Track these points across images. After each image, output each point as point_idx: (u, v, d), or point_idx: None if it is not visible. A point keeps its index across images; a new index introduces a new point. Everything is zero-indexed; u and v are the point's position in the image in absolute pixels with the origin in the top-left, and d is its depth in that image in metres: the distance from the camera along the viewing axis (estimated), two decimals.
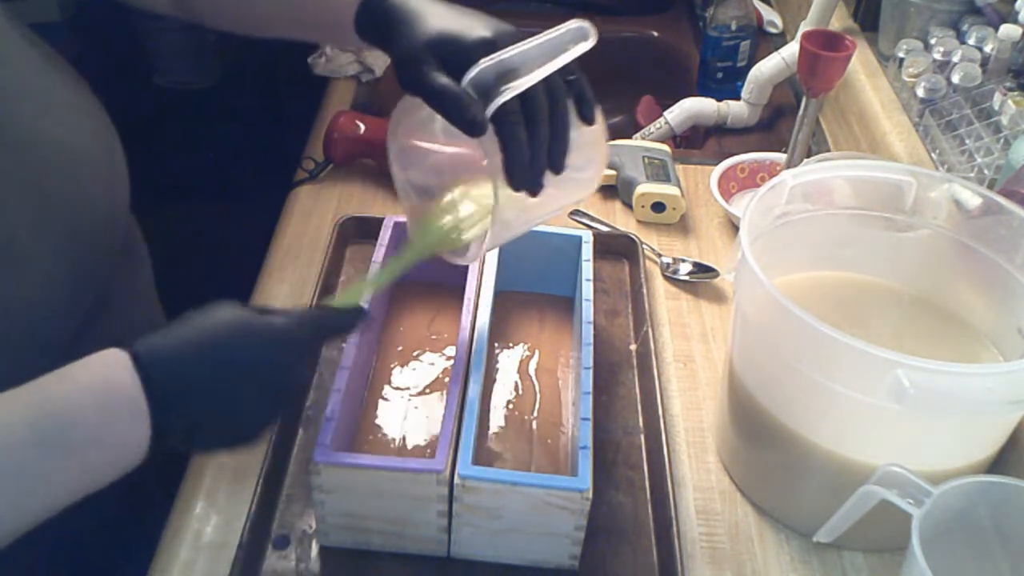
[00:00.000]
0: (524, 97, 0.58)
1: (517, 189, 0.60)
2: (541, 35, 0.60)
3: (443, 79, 0.58)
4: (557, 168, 0.61)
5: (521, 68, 0.59)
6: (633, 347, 0.88)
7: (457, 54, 0.59)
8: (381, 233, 0.83)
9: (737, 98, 1.27)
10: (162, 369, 0.52)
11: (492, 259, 0.82)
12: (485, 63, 0.58)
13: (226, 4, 0.74)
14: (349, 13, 0.66)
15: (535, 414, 0.78)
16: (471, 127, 0.57)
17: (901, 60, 1.08)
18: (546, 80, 0.59)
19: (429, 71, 0.59)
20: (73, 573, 0.73)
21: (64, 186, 0.61)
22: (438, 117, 0.59)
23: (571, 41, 0.60)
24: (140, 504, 0.74)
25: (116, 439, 0.50)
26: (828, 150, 1.18)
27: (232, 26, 0.75)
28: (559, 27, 0.61)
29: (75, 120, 0.64)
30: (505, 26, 0.62)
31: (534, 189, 0.61)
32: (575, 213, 1.03)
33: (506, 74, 0.58)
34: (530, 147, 0.59)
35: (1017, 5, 0.99)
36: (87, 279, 0.64)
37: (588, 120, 0.63)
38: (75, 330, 0.64)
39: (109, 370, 0.51)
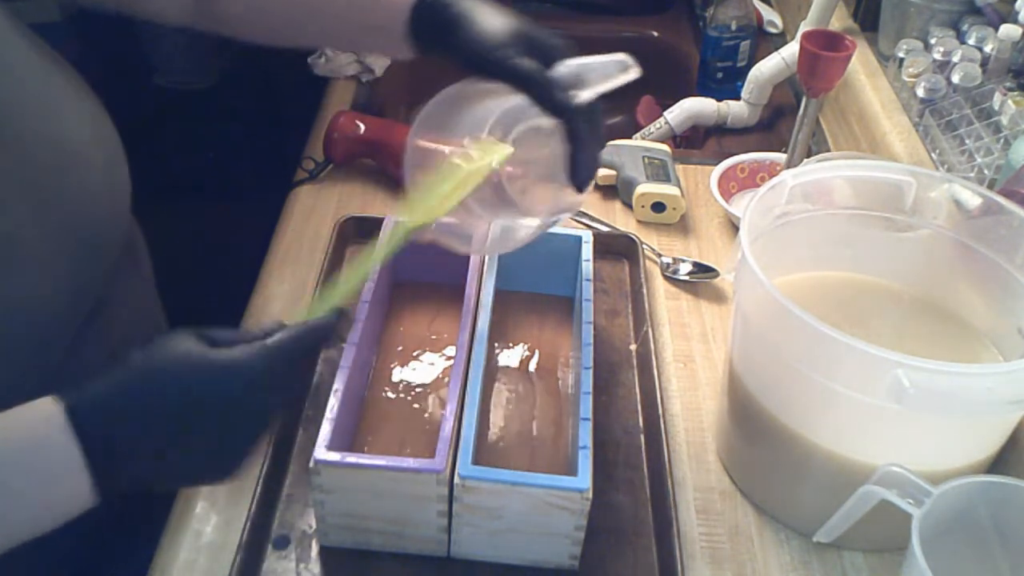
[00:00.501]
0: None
1: (578, 183, 0.64)
2: (596, 57, 0.65)
3: (532, 64, 0.62)
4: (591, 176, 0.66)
5: (588, 79, 0.64)
6: (633, 347, 0.88)
7: (537, 49, 0.63)
8: (381, 233, 0.83)
9: (737, 98, 1.27)
10: (96, 419, 0.50)
11: (492, 259, 0.82)
12: (569, 64, 0.63)
13: (257, 17, 0.73)
14: (399, 18, 0.67)
15: (535, 414, 0.78)
16: (560, 108, 0.61)
17: (901, 60, 1.08)
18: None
19: (517, 56, 0.62)
20: (73, 573, 0.73)
21: (65, 186, 0.61)
22: (463, 122, 0.64)
23: (620, 71, 0.65)
24: (140, 504, 0.74)
25: (52, 495, 0.50)
26: (828, 150, 1.18)
27: (263, 38, 0.74)
28: (608, 56, 0.65)
29: (75, 120, 0.64)
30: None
31: (585, 185, 0.65)
32: (575, 213, 1.03)
33: (578, 80, 0.63)
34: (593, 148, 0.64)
35: (1017, 5, 0.99)
36: (88, 279, 0.64)
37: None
38: (76, 329, 0.64)
39: (40, 427, 0.50)
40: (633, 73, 0.65)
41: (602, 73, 0.64)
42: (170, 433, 0.52)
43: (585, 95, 0.63)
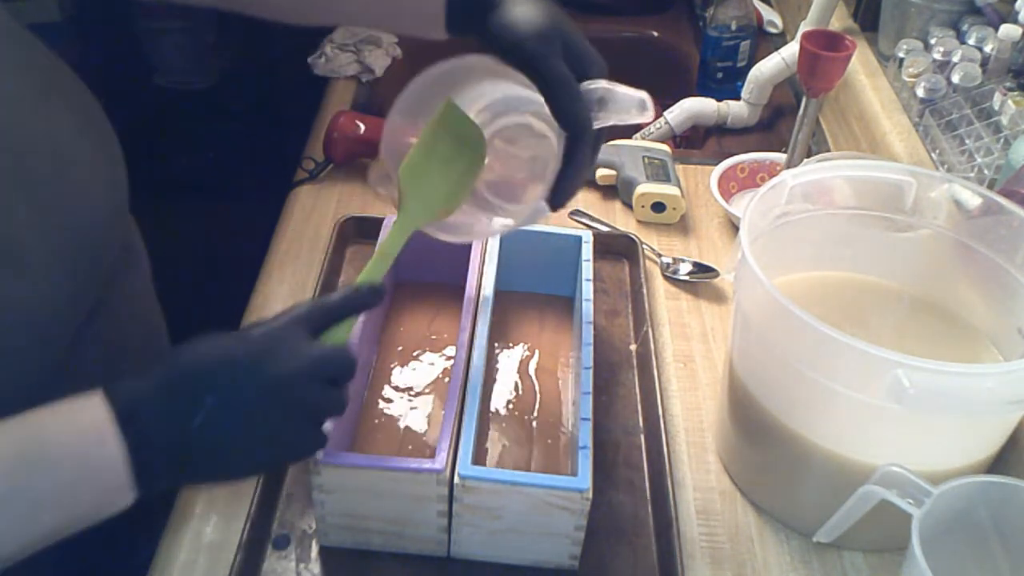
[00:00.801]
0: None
1: (556, 202, 0.63)
2: (622, 87, 0.63)
3: (564, 68, 0.60)
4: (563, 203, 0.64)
5: (608, 107, 0.62)
6: (633, 347, 0.88)
7: (574, 56, 0.61)
8: (381, 233, 0.84)
9: (737, 98, 1.27)
10: (131, 401, 0.51)
11: (492, 259, 0.82)
12: (598, 83, 0.62)
13: None
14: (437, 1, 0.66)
15: (535, 414, 0.78)
16: (576, 123, 0.60)
17: (901, 60, 1.08)
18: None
19: (553, 55, 0.60)
20: (73, 573, 0.73)
21: (62, 187, 0.61)
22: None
23: (639, 109, 0.63)
24: (140, 504, 0.74)
25: (94, 488, 0.51)
26: (828, 150, 1.18)
27: (292, 15, 0.73)
28: (633, 91, 0.63)
29: (72, 122, 0.64)
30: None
31: (561, 206, 0.64)
32: (575, 213, 1.03)
33: (601, 104, 0.62)
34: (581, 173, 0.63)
35: (1017, 5, 0.99)
36: (87, 279, 0.64)
37: None
38: (75, 329, 0.64)
39: (87, 429, 0.51)
40: (648, 116, 0.63)
41: (623, 106, 0.62)
42: (210, 425, 0.52)
43: (600, 121, 0.62)
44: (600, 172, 1.07)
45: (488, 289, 0.79)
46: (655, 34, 1.54)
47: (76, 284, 0.62)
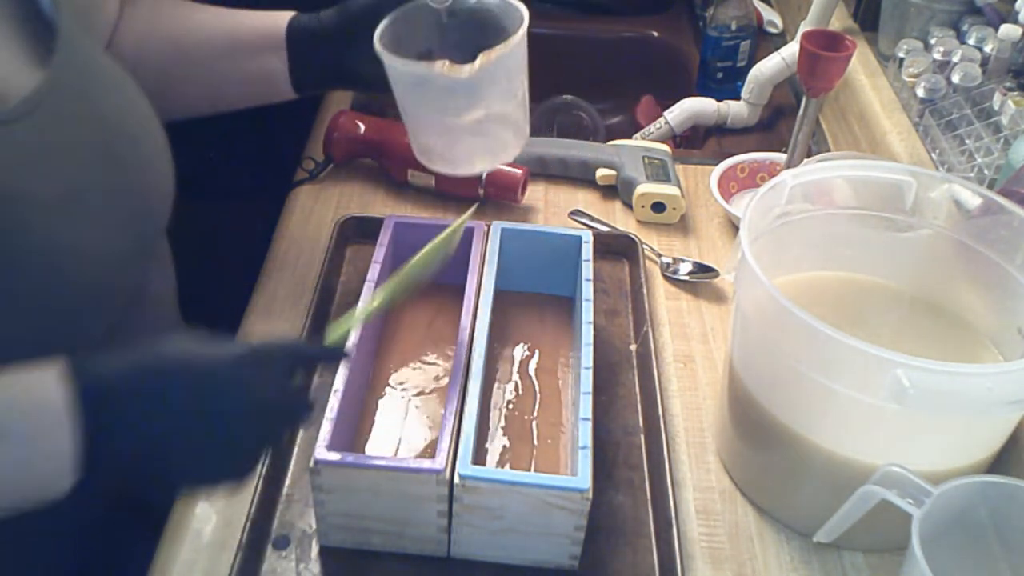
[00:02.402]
0: None
1: None
2: None
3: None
4: None
5: None
6: (633, 347, 0.88)
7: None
8: (381, 233, 0.84)
9: (737, 98, 1.27)
10: (97, 382, 0.50)
11: (492, 259, 0.82)
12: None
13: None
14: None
15: (535, 414, 0.78)
16: None
17: (901, 60, 1.08)
18: None
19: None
20: (73, 573, 0.73)
21: (128, 157, 0.66)
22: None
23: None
24: (140, 504, 0.74)
25: (36, 453, 0.49)
26: (828, 150, 1.18)
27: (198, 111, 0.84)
28: None
29: (135, 101, 0.70)
30: None
31: None
32: (575, 213, 1.04)
33: None
34: None
35: (1017, 5, 0.99)
36: (144, 241, 0.68)
37: None
38: (128, 297, 0.66)
39: (36, 375, 0.50)
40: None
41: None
42: (167, 415, 0.52)
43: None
44: (600, 172, 1.07)
45: (488, 289, 0.79)
46: (655, 34, 1.54)
47: (135, 243, 0.66)
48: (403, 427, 0.76)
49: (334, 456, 0.64)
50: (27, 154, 0.57)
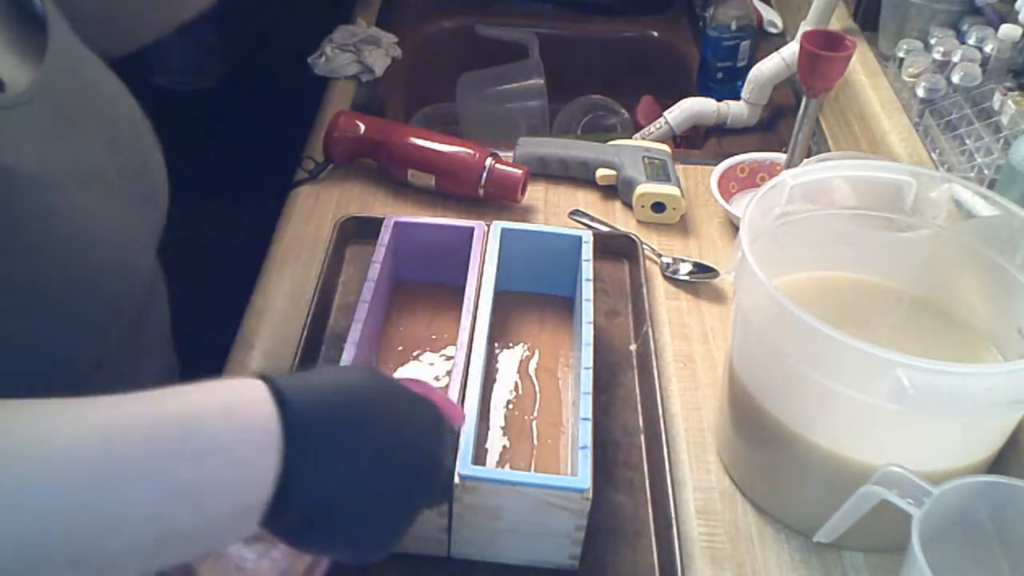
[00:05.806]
0: None
1: None
2: None
3: None
4: None
5: None
6: (633, 347, 0.88)
7: None
8: (381, 233, 0.84)
9: (737, 98, 1.27)
10: (302, 406, 0.46)
11: (492, 259, 0.82)
12: None
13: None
14: None
15: (535, 414, 0.78)
16: None
17: (901, 60, 1.08)
18: None
19: None
20: None
21: (131, 144, 0.67)
22: None
23: None
24: None
25: (241, 458, 0.44)
26: (828, 150, 1.18)
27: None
28: None
29: (124, 95, 0.71)
30: None
31: None
32: (575, 213, 1.04)
33: None
34: None
35: (1017, 5, 0.99)
36: (155, 222, 0.69)
37: None
38: (147, 283, 0.67)
39: (243, 388, 0.46)
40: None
41: None
42: (366, 450, 0.48)
43: None
44: (600, 172, 1.07)
45: (488, 289, 0.79)
46: (655, 34, 1.54)
47: (146, 229, 0.67)
48: None
49: None
50: (36, 134, 0.56)
